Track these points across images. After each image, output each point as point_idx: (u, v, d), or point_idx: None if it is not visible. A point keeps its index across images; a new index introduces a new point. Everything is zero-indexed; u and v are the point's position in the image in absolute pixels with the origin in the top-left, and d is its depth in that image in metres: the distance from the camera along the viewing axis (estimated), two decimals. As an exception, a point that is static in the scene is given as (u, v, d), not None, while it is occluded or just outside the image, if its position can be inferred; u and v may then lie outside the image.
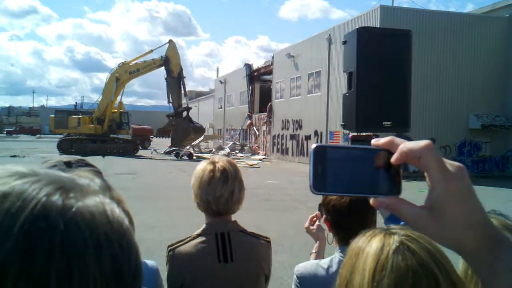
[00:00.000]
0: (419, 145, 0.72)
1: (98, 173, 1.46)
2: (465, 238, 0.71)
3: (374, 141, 0.77)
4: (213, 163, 2.31)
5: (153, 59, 36.07)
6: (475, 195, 0.72)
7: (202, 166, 2.33)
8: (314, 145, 0.77)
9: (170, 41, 35.57)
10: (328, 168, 0.76)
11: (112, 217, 0.56)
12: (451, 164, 0.72)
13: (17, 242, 0.48)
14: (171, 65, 34.68)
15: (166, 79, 35.08)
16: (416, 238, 1.02)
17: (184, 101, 35.40)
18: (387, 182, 0.76)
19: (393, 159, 0.74)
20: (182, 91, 35.44)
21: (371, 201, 0.78)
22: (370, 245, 1.03)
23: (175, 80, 34.72)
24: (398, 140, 0.75)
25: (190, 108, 35.81)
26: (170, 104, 35.42)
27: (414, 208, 0.74)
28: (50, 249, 0.48)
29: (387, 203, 0.76)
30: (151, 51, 36.78)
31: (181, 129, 33.97)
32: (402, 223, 1.45)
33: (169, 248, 2.29)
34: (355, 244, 1.09)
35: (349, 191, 0.79)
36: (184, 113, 34.88)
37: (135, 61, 36.71)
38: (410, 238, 1.02)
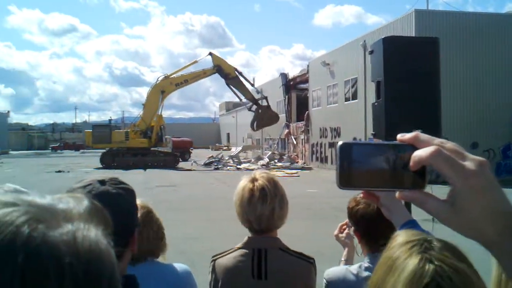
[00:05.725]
0: (426, 154, 0.74)
1: (130, 190, 1.62)
2: (486, 229, 0.73)
3: (399, 136, 0.79)
4: (253, 181, 2.34)
5: (203, 69, 37.66)
6: (497, 188, 0.74)
7: (243, 184, 2.36)
8: (340, 142, 0.81)
9: (211, 53, 37.13)
10: (354, 165, 0.80)
11: (81, 245, 0.56)
12: (472, 160, 0.74)
13: None
14: (225, 70, 36.40)
15: (227, 83, 36.74)
16: (454, 268, 1.00)
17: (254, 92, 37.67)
18: (412, 176, 0.78)
19: (411, 165, 0.76)
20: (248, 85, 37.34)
21: (397, 194, 0.80)
22: (406, 263, 1.01)
23: (236, 79, 36.48)
24: (422, 136, 0.77)
25: (266, 96, 37.69)
26: (244, 100, 38.03)
27: (438, 202, 0.76)
28: (11, 279, 0.50)
29: (412, 196, 0.79)
30: (196, 61, 38.78)
31: (267, 116, 36.31)
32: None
33: (212, 258, 2.43)
34: (391, 253, 1.06)
35: (375, 185, 0.83)
36: (264, 102, 36.93)
37: (180, 73, 38.07)
38: (445, 269, 1.00)
